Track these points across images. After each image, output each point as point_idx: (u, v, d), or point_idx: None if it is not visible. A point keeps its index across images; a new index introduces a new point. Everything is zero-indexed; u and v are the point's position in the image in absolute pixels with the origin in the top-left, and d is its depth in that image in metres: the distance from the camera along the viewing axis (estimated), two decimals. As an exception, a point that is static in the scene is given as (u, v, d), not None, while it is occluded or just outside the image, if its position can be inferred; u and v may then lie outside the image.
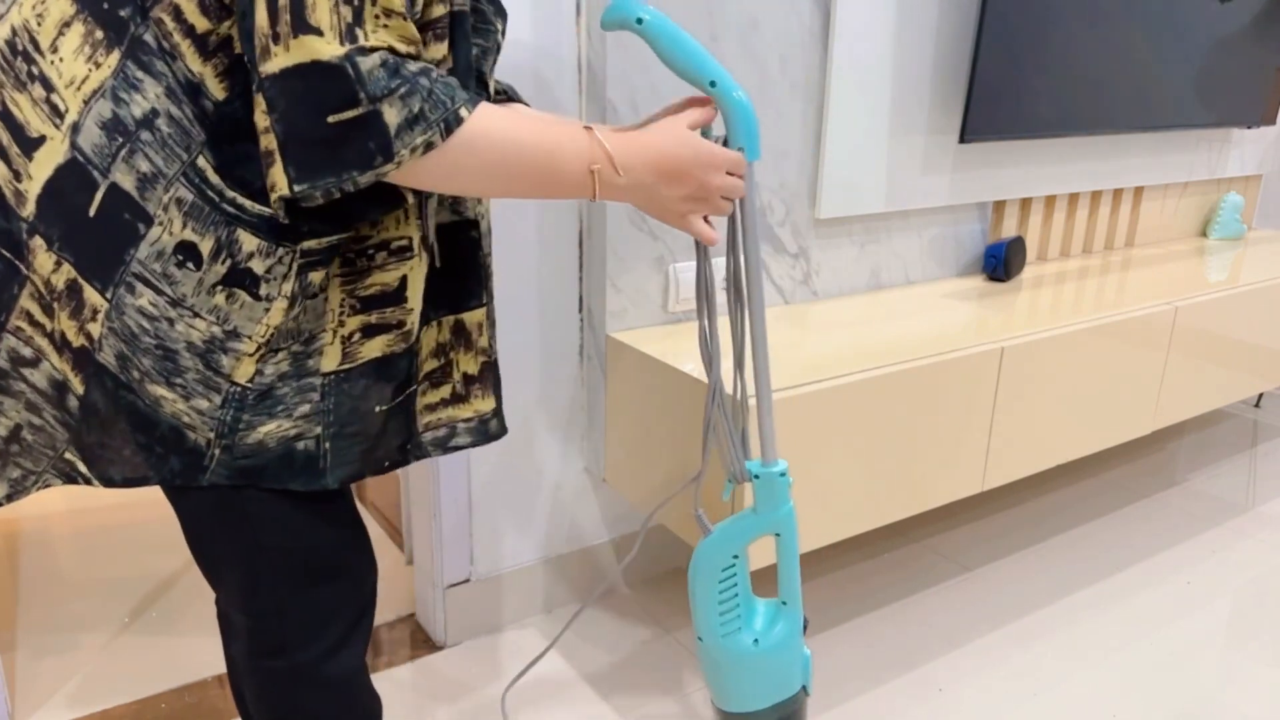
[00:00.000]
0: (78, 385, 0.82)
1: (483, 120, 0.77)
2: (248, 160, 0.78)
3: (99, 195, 0.77)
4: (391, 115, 0.73)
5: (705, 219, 0.93)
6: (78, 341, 0.81)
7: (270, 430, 0.84)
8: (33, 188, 0.78)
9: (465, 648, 1.69)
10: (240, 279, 0.80)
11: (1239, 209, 2.62)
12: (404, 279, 0.88)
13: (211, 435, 0.83)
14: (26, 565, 1.92)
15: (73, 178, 0.78)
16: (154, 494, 2.23)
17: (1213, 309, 2.00)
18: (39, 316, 0.82)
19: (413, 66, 0.74)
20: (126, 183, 0.77)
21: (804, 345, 1.58)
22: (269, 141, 0.75)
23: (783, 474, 1.09)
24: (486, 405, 1.01)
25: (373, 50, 0.72)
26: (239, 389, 0.82)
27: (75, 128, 0.77)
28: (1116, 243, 2.45)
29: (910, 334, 1.65)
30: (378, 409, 0.90)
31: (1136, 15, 2.02)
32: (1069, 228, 2.31)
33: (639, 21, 0.91)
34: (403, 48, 0.75)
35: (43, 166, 0.78)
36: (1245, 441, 2.62)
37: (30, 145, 0.78)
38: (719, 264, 1.70)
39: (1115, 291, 1.99)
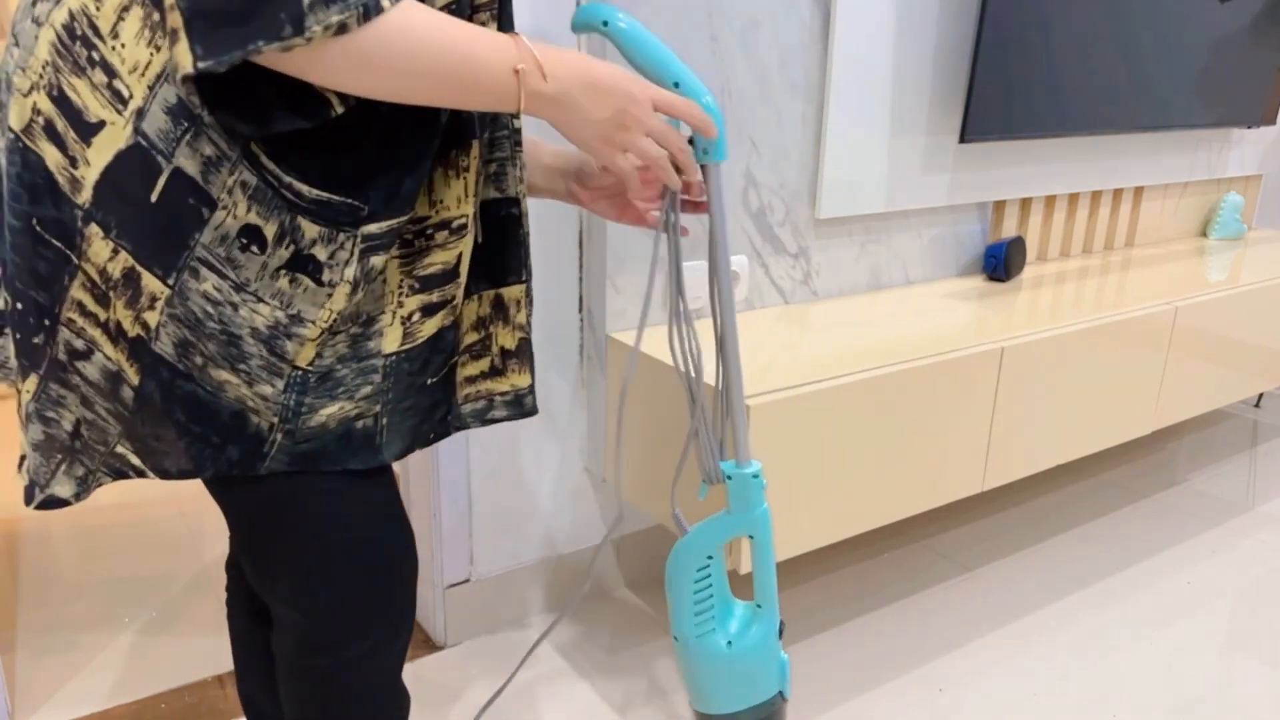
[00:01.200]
0: (132, 375, 0.81)
1: (404, 13, 0.73)
2: (298, 146, 0.78)
3: (162, 180, 0.76)
4: None
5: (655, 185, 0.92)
6: (134, 331, 0.80)
7: (332, 412, 0.85)
8: (90, 174, 0.77)
9: (465, 648, 1.69)
10: (303, 264, 0.80)
11: (1239, 209, 2.62)
12: (460, 256, 0.89)
13: (275, 419, 0.83)
14: (26, 565, 1.92)
15: (134, 163, 0.76)
16: (154, 493, 2.23)
17: (1213, 309, 2.00)
18: (91, 307, 0.80)
19: None
20: (190, 166, 0.76)
21: (804, 345, 1.58)
22: (174, 20, 0.71)
23: (756, 475, 1.10)
24: (523, 381, 1.02)
25: None
26: (300, 373, 0.83)
27: (140, 113, 0.76)
28: (1116, 243, 2.45)
29: (910, 334, 1.65)
30: (429, 381, 0.92)
31: (1136, 15, 2.02)
32: (1069, 228, 2.31)
33: (604, 24, 0.92)
34: None
35: (102, 152, 0.77)
36: (1245, 441, 2.62)
37: (89, 130, 0.77)
38: (697, 267, 1.70)
39: (1115, 291, 1.99)
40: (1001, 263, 2.05)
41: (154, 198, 0.77)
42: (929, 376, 1.53)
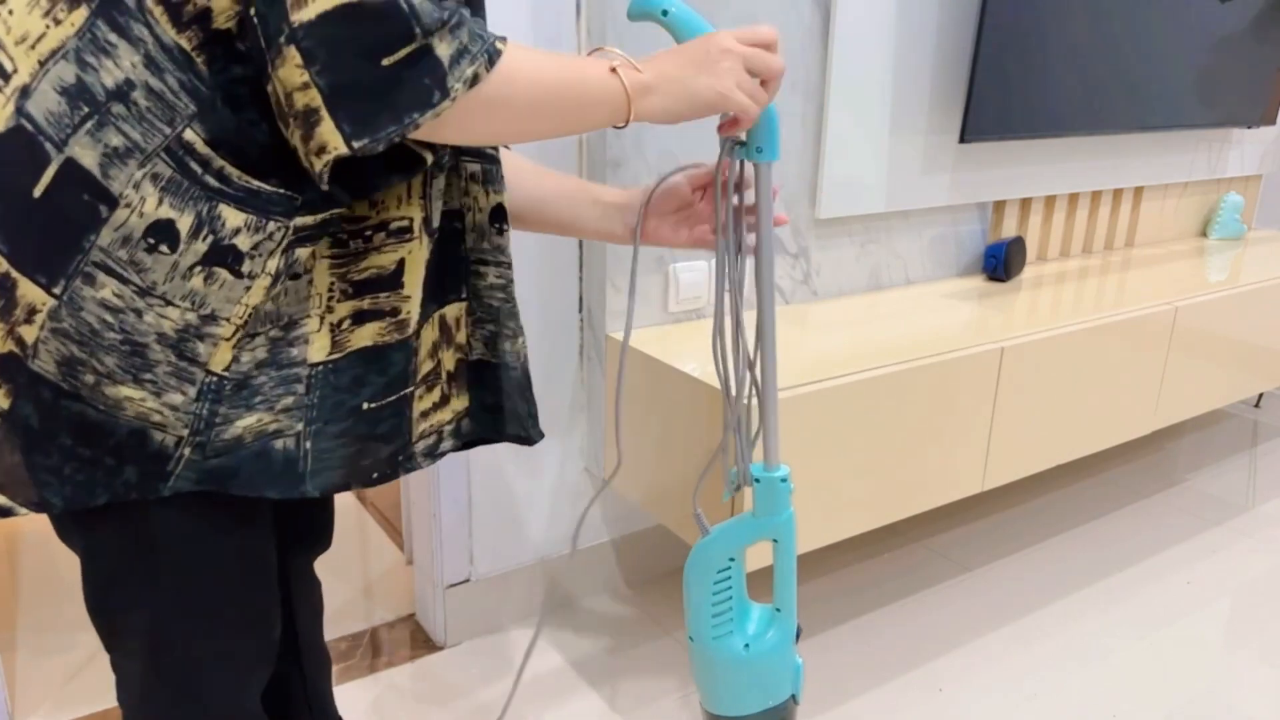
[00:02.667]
0: (1, 400, 0.71)
1: (514, 51, 0.74)
2: (249, 128, 0.72)
3: (50, 172, 0.68)
4: (444, 49, 0.69)
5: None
6: (4, 348, 0.70)
7: (249, 424, 0.77)
8: None
9: (465, 648, 1.69)
10: (222, 256, 0.72)
11: (1239, 209, 2.62)
12: (401, 262, 0.82)
13: (185, 432, 0.75)
14: (26, 565, 1.92)
15: (14, 149, 0.68)
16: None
17: (1213, 309, 2.00)
18: None
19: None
20: (87, 158, 0.68)
21: (804, 345, 1.58)
22: (308, 99, 0.67)
23: (784, 479, 1.09)
24: (460, 404, 0.95)
25: None
26: (215, 379, 0.75)
27: (24, 91, 0.67)
28: (1116, 243, 2.45)
29: (910, 334, 1.65)
30: (365, 406, 0.83)
31: (1137, 15, 2.02)
32: (1069, 228, 2.31)
33: (664, 14, 0.91)
34: None
35: None
36: (1245, 441, 2.62)
37: None
38: (696, 267, 1.70)
39: (1115, 291, 1.99)
40: (1001, 263, 2.05)
41: (37, 192, 0.68)
42: (929, 376, 1.53)
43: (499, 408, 0.98)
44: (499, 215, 0.93)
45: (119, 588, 0.81)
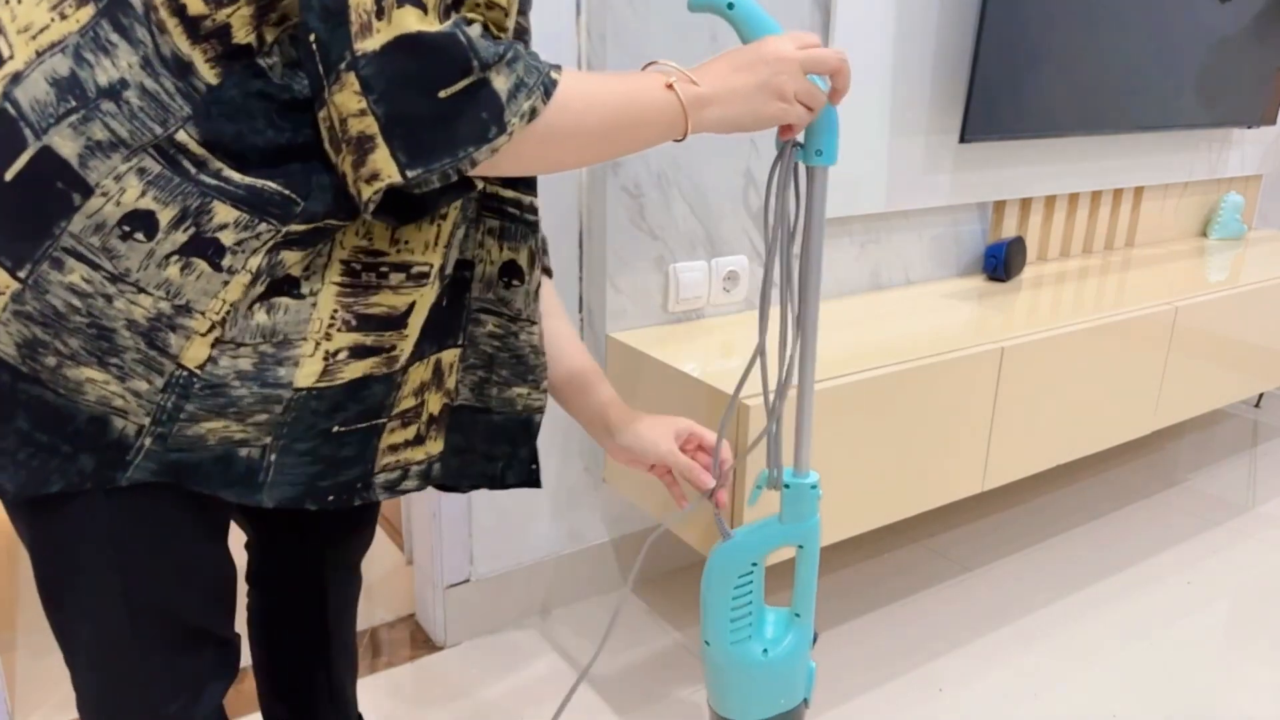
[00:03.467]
0: None
1: (568, 79, 0.74)
2: (250, 135, 0.72)
3: (24, 157, 0.68)
4: (500, 83, 0.70)
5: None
6: None
7: (214, 428, 0.76)
8: None
9: (465, 648, 1.69)
10: (202, 248, 0.71)
11: (1239, 209, 2.62)
12: (412, 305, 0.82)
13: (146, 421, 0.73)
14: (26, 565, 1.92)
15: None
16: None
17: (1213, 309, 2.00)
18: None
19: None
20: (66, 149, 0.68)
21: (804, 345, 1.58)
22: (364, 126, 0.68)
23: (814, 486, 1.08)
24: (436, 448, 0.94)
25: (470, 22, 0.70)
26: (186, 374, 0.73)
27: (15, 77, 0.68)
28: (1116, 243, 2.45)
29: (910, 334, 1.65)
30: (336, 429, 0.82)
31: (1137, 15, 2.02)
32: (1069, 228, 2.31)
33: (730, 7, 0.89)
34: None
35: None
36: (1245, 441, 2.62)
37: None
38: (695, 266, 1.70)
39: (1115, 291, 1.99)
40: (1001, 263, 2.05)
41: (8, 175, 0.68)
42: (929, 376, 1.53)
43: (469, 450, 0.97)
44: (509, 270, 0.92)
45: (66, 588, 0.80)
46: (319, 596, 1.11)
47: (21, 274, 0.69)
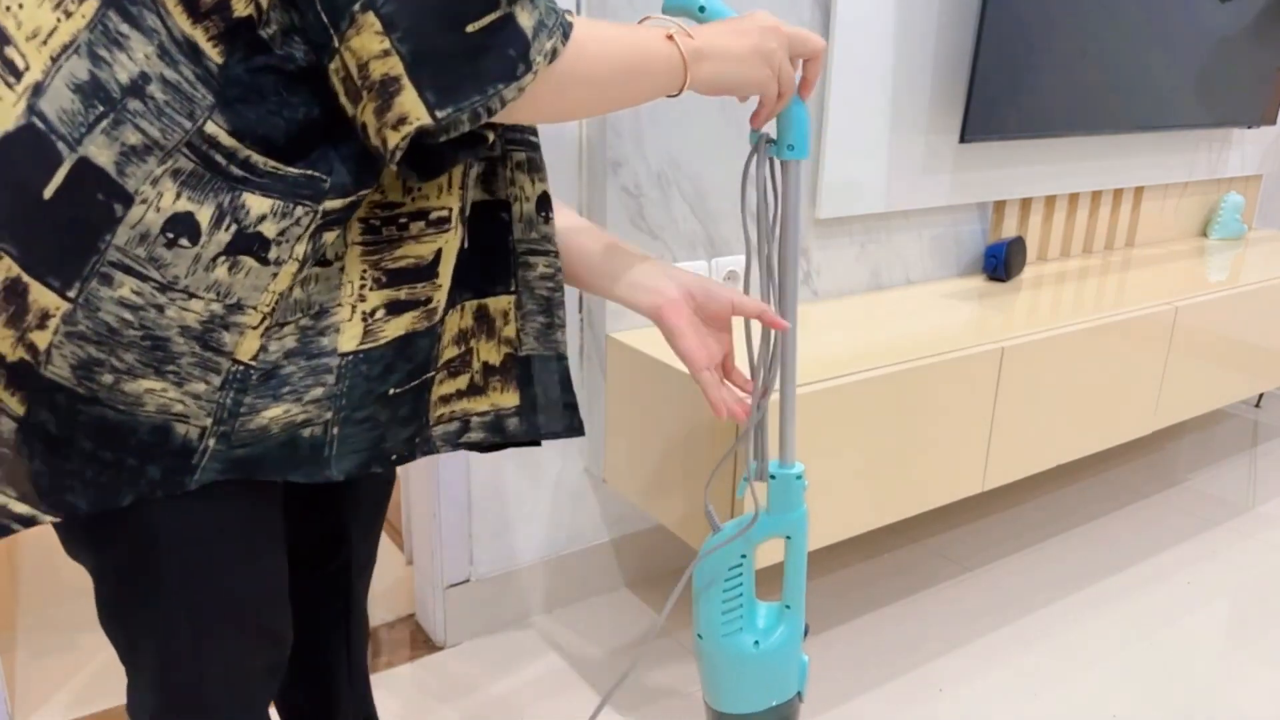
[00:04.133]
0: (16, 407, 0.69)
1: (580, 23, 0.74)
2: (272, 116, 0.70)
3: (62, 172, 0.65)
4: (525, 19, 0.68)
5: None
6: (14, 355, 0.68)
7: (276, 415, 0.75)
8: None
9: (465, 648, 1.69)
10: (248, 245, 0.70)
11: (1239, 209, 2.62)
12: (439, 252, 0.81)
13: (208, 422, 0.73)
14: (26, 565, 1.92)
15: (25, 149, 0.65)
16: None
17: (1213, 309, 2.00)
18: None
19: None
20: (103, 157, 0.66)
21: (804, 345, 1.58)
22: (388, 67, 0.65)
23: (799, 477, 1.09)
24: (507, 400, 0.92)
25: None
26: (241, 368, 0.73)
27: (37, 88, 0.65)
28: (1117, 243, 2.45)
29: (910, 334, 1.65)
30: (392, 392, 0.82)
31: (1137, 15, 2.02)
32: (1069, 228, 2.31)
33: (701, 10, 0.90)
34: None
35: None
36: (1245, 441, 2.62)
37: None
38: (694, 267, 1.70)
39: (1115, 291, 1.99)
40: (1002, 263, 2.05)
41: (48, 193, 0.65)
42: (929, 376, 1.53)
43: (553, 404, 0.96)
44: (545, 203, 0.91)
45: (128, 605, 0.80)
46: (344, 568, 1.10)
47: (71, 293, 0.67)
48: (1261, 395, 2.91)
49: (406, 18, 0.64)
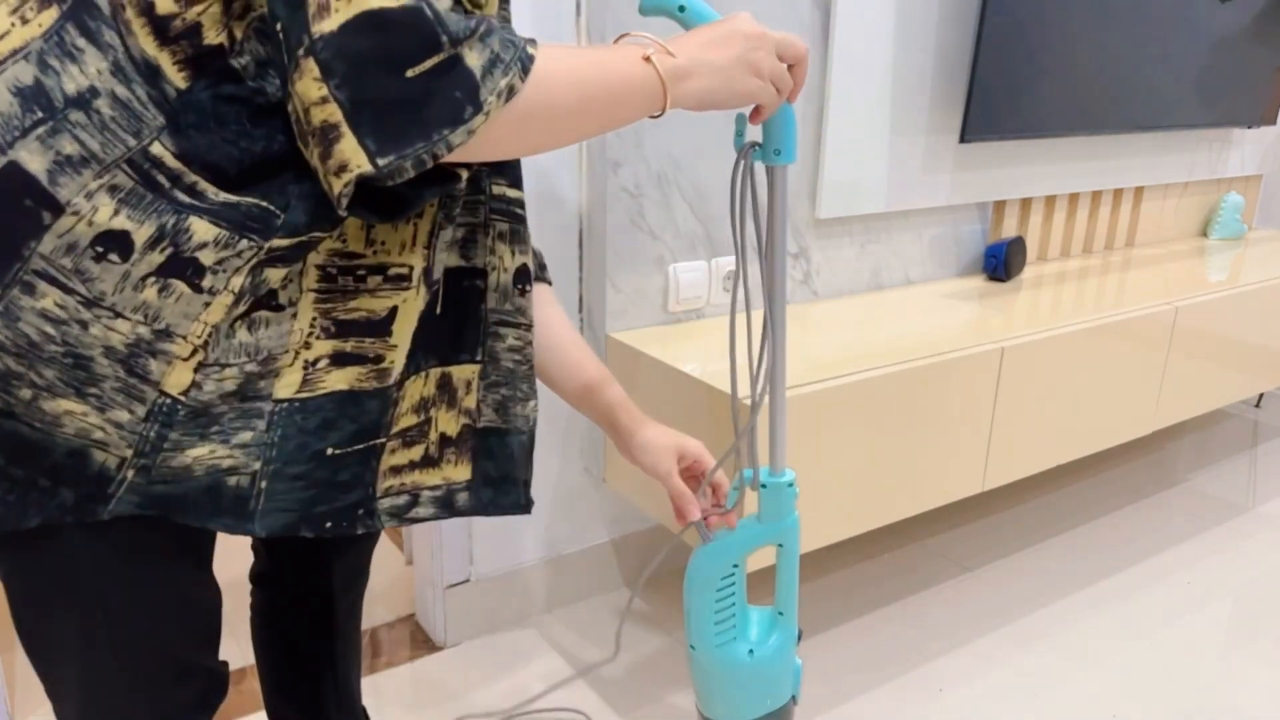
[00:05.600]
0: None
1: (544, 52, 0.69)
2: (227, 145, 0.68)
3: None
4: (473, 59, 0.64)
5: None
6: None
7: (199, 454, 0.72)
8: None
9: (465, 648, 1.69)
10: (181, 269, 0.67)
11: (1239, 209, 2.62)
12: (393, 310, 0.78)
13: (128, 453, 0.70)
14: (26, 565, 1.92)
15: None
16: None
17: (1213, 309, 2.00)
18: None
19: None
20: (35, 164, 0.64)
21: (804, 345, 1.58)
22: (326, 114, 0.63)
23: (790, 484, 1.08)
24: (459, 474, 0.89)
25: None
26: (169, 401, 0.70)
27: None
28: (1117, 243, 2.45)
29: (910, 334, 1.65)
30: (331, 451, 0.78)
31: (1137, 15, 2.02)
32: (1069, 228, 2.31)
33: (681, 9, 0.87)
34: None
35: None
36: (1245, 441, 2.62)
37: None
38: (694, 266, 1.70)
39: (1115, 291, 1.99)
40: (1002, 263, 2.05)
41: None
42: (929, 376, 1.53)
43: (504, 479, 0.93)
44: (522, 276, 0.89)
45: (48, 628, 0.77)
46: (327, 596, 1.09)
47: None
48: (1261, 395, 2.91)
49: (344, 64, 0.62)
